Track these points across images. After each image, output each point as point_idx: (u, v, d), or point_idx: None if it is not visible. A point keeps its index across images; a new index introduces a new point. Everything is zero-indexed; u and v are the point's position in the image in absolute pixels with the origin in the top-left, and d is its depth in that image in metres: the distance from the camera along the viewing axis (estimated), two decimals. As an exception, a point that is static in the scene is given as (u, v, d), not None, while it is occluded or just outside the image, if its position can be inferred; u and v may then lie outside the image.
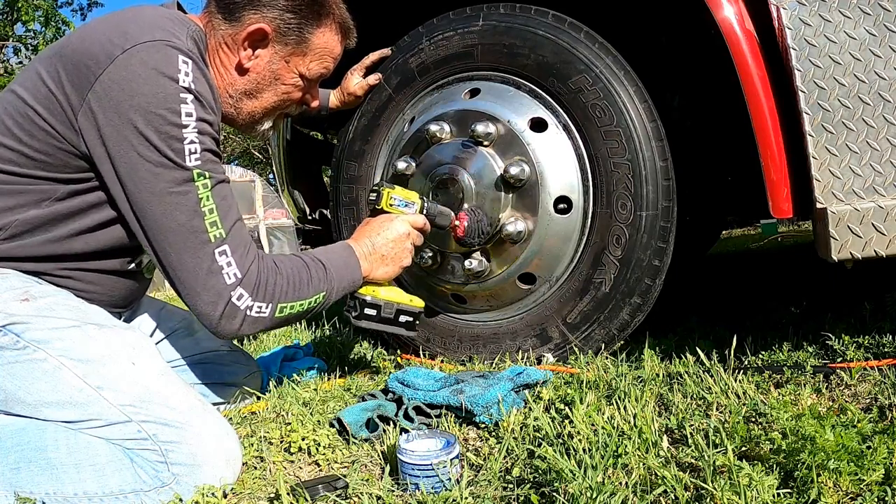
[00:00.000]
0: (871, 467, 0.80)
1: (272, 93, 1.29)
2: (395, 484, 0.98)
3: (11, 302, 1.08)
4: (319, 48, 1.30)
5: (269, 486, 1.04)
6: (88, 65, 1.06)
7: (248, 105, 1.29)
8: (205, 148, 1.11)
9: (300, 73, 1.29)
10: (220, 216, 1.12)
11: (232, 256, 1.13)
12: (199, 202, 1.10)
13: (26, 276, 1.14)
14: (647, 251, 1.48)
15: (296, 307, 1.22)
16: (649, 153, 1.47)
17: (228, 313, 1.13)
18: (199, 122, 1.10)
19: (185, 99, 1.08)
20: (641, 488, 0.85)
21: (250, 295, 1.14)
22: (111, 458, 1.03)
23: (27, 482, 1.03)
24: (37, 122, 1.09)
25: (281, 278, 1.19)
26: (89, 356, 1.06)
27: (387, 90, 1.81)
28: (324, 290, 1.26)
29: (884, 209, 1.15)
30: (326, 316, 2.72)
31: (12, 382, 1.06)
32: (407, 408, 1.22)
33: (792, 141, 1.24)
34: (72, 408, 1.04)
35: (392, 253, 1.40)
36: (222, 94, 1.27)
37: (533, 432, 1.09)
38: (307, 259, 1.27)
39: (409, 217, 1.45)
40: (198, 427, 1.05)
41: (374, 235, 1.40)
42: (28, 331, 1.07)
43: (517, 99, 1.61)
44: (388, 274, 1.41)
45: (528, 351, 1.62)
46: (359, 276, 1.35)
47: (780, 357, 1.38)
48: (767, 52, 1.26)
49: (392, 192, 1.45)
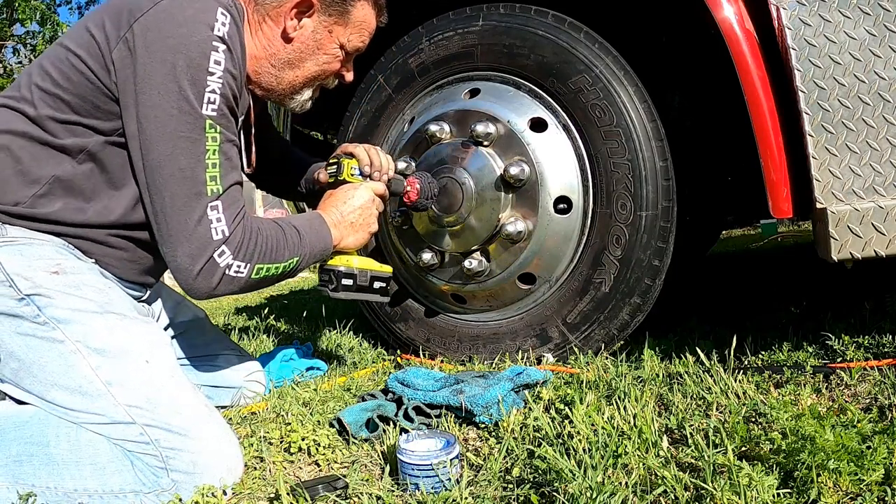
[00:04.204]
0: (871, 467, 0.80)
1: (313, 62, 1.32)
2: (395, 484, 0.98)
3: (40, 272, 1.10)
4: (359, 21, 1.34)
5: (269, 486, 1.04)
6: (131, 9, 1.10)
7: (290, 75, 1.32)
8: (224, 101, 1.12)
9: (341, 43, 1.33)
10: (222, 173, 1.13)
11: (223, 213, 1.13)
12: (204, 153, 1.11)
13: (61, 248, 1.15)
14: (647, 251, 1.48)
15: (271, 270, 1.22)
16: (649, 153, 1.47)
17: (208, 269, 1.13)
18: (226, 74, 1.12)
19: (216, 47, 1.10)
20: (641, 488, 0.85)
21: (232, 253, 1.15)
22: (112, 458, 1.04)
23: (28, 475, 1.04)
24: (75, 65, 1.11)
25: (261, 239, 1.20)
26: (105, 348, 1.07)
27: (386, 90, 1.81)
28: (297, 255, 1.27)
29: (884, 209, 1.15)
30: (326, 316, 2.72)
31: (27, 354, 1.07)
32: (407, 408, 1.22)
33: (792, 141, 1.24)
34: (80, 397, 1.05)
35: (360, 220, 1.42)
36: (264, 65, 1.29)
37: (533, 432, 1.09)
38: (283, 224, 1.28)
39: (371, 184, 1.46)
40: (201, 435, 1.05)
41: (340, 204, 1.41)
42: (50, 306, 1.07)
43: (517, 99, 1.61)
44: (358, 241, 1.43)
45: (528, 351, 1.62)
46: (329, 243, 1.36)
47: (780, 357, 1.38)
48: (767, 52, 1.26)
49: (352, 162, 1.47)
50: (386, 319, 1.87)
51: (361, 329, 2.28)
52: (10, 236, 1.12)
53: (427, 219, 1.67)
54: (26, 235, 1.13)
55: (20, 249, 1.11)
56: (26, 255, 1.11)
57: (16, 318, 1.08)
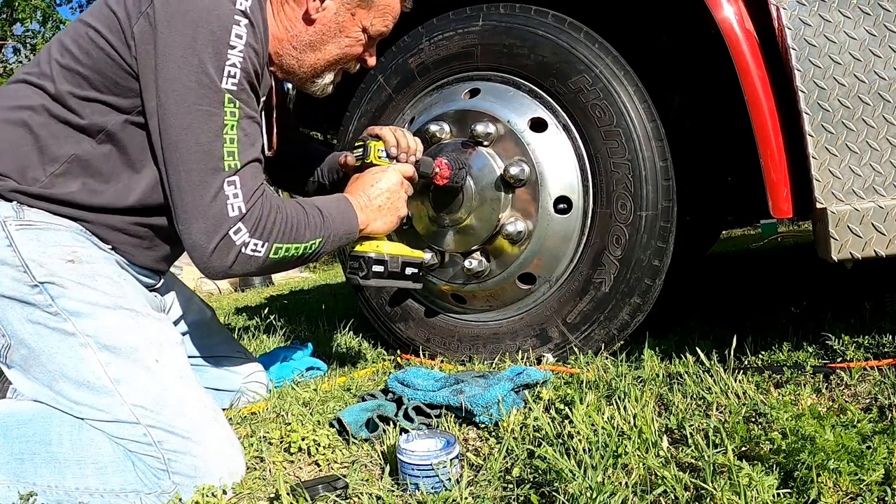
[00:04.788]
0: (871, 467, 0.80)
1: (335, 45, 1.30)
2: (394, 484, 0.98)
3: (56, 259, 1.09)
4: (383, 4, 1.32)
5: (269, 487, 1.04)
6: None
7: (311, 57, 1.30)
8: (244, 76, 1.11)
9: (363, 26, 1.31)
10: (240, 149, 1.12)
11: (240, 189, 1.11)
12: (222, 128, 1.10)
13: (78, 234, 1.14)
14: (647, 251, 1.48)
15: (291, 250, 1.19)
16: (649, 153, 1.47)
17: (223, 246, 1.11)
18: (247, 48, 1.10)
19: (238, 21, 1.09)
20: (641, 488, 0.85)
21: (248, 231, 1.12)
22: (114, 458, 1.04)
23: (30, 473, 1.03)
24: (94, 40, 1.11)
25: (281, 217, 1.17)
26: (116, 345, 1.06)
27: (386, 90, 1.81)
28: (320, 236, 1.24)
29: (884, 209, 1.15)
30: (326, 316, 2.72)
31: (37, 343, 1.06)
32: (407, 408, 1.22)
33: (792, 141, 1.24)
34: (86, 391, 1.05)
35: (388, 203, 1.38)
36: (286, 47, 1.28)
37: (533, 432, 1.09)
38: (305, 204, 1.26)
39: (400, 166, 1.42)
40: (204, 439, 1.04)
41: (367, 188, 1.38)
42: (63, 297, 1.07)
43: (517, 99, 1.61)
44: (386, 225, 1.39)
45: (528, 351, 1.62)
46: (355, 226, 1.33)
47: (780, 357, 1.38)
48: (767, 52, 1.26)
49: (378, 143, 1.43)
50: (386, 319, 1.87)
51: (361, 329, 2.28)
52: (27, 219, 1.11)
53: (427, 218, 1.67)
54: (44, 220, 1.12)
55: (37, 234, 1.10)
56: (42, 241, 1.10)
57: (28, 306, 1.07)
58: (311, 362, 1.78)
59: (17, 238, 1.08)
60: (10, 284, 1.07)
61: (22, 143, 1.12)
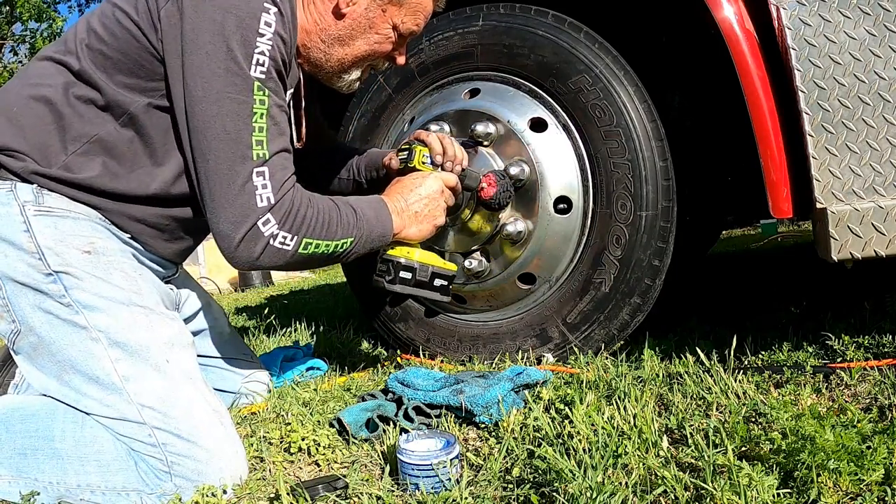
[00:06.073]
0: (871, 467, 0.80)
1: (364, 41, 1.28)
2: (394, 484, 0.98)
3: (73, 249, 1.08)
4: (415, 2, 1.29)
5: (269, 487, 1.04)
6: None
7: (339, 52, 1.28)
8: (273, 64, 1.10)
9: (394, 24, 1.29)
10: (268, 138, 1.10)
11: (269, 180, 1.09)
12: (251, 115, 1.08)
13: (97, 223, 1.14)
14: (647, 251, 1.48)
15: (321, 246, 1.17)
16: (649, 153, 1.47)
17: (250, 237, 1.09)
18: (276, 37, 1.09)
19: (267, 9, 1.08)
20: (641, 488, 0.85)
21: (277, 223, 1.10)
22: (116, 456, 1.03)
23: (33, 468, 1.03)
24: (121, 21, 1.10)
25: (312, 212, 1.15)
26: (127, 342, 1.06)
27: (387, 90, 1.81)
28: (352, 235, 1.21)
29: (884, 209, 1.15)
30: (326, 316, 2.72)
31: (48, 332, 1.06)
32: (407, 408, 1.22)
33: (792, 141, 1.24)
34: (95, 385, 1.04)
35: (426, 210, 1.35)
36: (314, 40, 1.26)
37: (533, 432, 1.09)
38: (339, 201, 1.23)
39: (443, 174, 1.39)
40: (208, 444, 1.04)
41: (406, 192, 1.35)
42: (77, 288, 1.06)
43: (517, 99, 1.61)
44: (421, 232, 1.36)
45: (528, 351, 1.62)
46: (389, 230, 1.30)
47: (780, 357, 1.38)
48: (767, 52, 1.26)
49: (424, 149, 1.41)
50: (386, 319, 1.87)
51: (361, 329, 2.28)
52: (46, 205, 1.10)
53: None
54: (63, 206, 1.11)
55: (55, 222, 1.09)
56: (60, 229, 1.09)
57: (41, 294, 1.06)
58: (311, 362, 1.78)
59: (35, 224, 1.07)
60: (25, 270, 1.06)
61: (44, 120, 1.11)
